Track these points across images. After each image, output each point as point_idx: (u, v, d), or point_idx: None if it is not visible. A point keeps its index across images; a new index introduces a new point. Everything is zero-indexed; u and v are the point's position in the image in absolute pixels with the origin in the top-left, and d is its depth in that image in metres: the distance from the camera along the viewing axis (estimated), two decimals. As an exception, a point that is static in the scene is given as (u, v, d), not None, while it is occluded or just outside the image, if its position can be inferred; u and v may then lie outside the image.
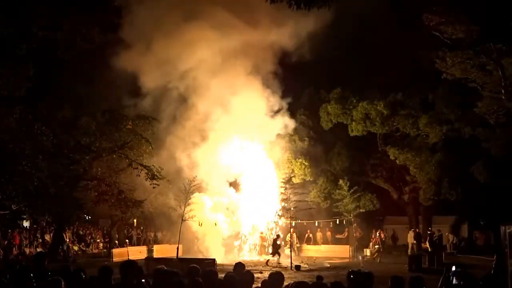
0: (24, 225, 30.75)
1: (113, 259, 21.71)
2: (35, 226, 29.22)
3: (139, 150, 22.61)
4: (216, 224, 23.39)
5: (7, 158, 17.82)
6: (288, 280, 5.85)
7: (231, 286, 5.31)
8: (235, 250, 25.67)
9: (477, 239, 29.95)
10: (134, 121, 22.95)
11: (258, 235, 25.83)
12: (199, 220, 21.55)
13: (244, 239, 25.95)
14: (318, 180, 28.17)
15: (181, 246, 21.28)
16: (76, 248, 26.95)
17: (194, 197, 21.29)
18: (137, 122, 22.96)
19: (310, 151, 28.16)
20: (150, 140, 22.65)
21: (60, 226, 24.25)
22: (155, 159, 23.23)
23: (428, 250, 23.00)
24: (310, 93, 30.42)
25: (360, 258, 22.76)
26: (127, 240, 29.12)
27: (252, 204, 25.77)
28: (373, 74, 27.07)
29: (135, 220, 31.65)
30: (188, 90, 25.32)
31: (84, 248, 28.00)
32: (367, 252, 25.30)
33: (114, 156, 22.54)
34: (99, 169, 22.94)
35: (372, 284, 5.48)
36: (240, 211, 26.22)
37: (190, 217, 20.52)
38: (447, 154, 25.82)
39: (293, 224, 23.81)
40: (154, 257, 22.02)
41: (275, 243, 22.04)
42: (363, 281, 5.54)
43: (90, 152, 22.24)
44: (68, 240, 24.90)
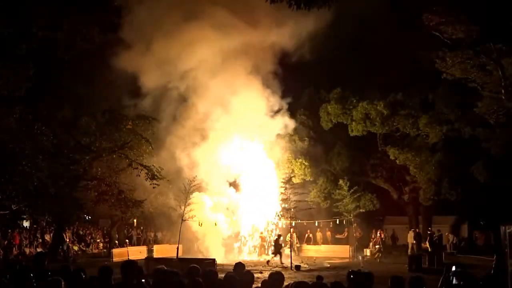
0: (24, 225, 30.76)
1: (113, 259, 21.73)
2: (35, 226, 29.23)
3: (139, 150, 22.63)
4: (216, 224, 23.38)
5: (7, 158, 17.82)
6: (288, 280, 5.84)
7: (231, 286, 5.31)
8: (235, 250, 25.68)
9: (477, 239, 29.95)
10: (134, 121, 22.98)
11: (257, 235, 25.83)
12: (199, 220, 21.54)
13: (244, 241, 25.94)
14: (318, 180, 28.16)
15: (181, 246, 21.28)
16: (76, 248, 26.94)
17: (194, 197, 21.30)
18: (137, 122, 22.99)
19: (310, 151, 28.15)
20: (150, 140, 22.67)
21: (60, 226, 24.26)
22: (155, 159, 23.24)
23: (428, 250, 23.00)
24: (310, 93, 30.41)
25: (360, 258, 22.77)
26: (127, 240, 29.12)
27: (252, 204, 25.77)
28: (373, 74, 27.08)
29: (135, 220, 31.65)
30: (188, 90, 25.38)
31: (84, 248, 27.99)
32: (367, 252, 25.31)
33: (114, 156, 22.55)
34: (99, 169, 22.95)
35: (372, 284, 5.48)
36: (240, 211, 26.22)
37: (190, 217, 20.51)
38: (447, 154, 25.83)
39: (293, 224, 23.81)
40: (154, 257, 22.02)
41: (277, 243, 22.00)
42: (363, 281, 5.54)
43: (90, 152, 22.25)
44: (68, 240, 24.90)
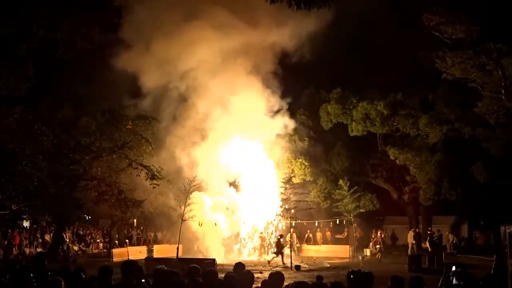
0: (24, 225, 30.78)
1: (113, 259, 21.74)
2: (35, 226, 29.23)
3: (139, 150, 22.63)
4: (216, 224, 23.37)
5: (7, 158, 17.81)
6: (288, 280, 5.84)
7: (231, 286, 5.31)
8: (235, 250, 25.66)
9: (477, 239, 29.96)
10: (134, 121, 22.98)
11: (257, 236, 25.79)
12: (199, 220, 21.53)
13: (243, 243, 25.88)
14: (318, 180, 28.14)
15: (181, 246, 21.27)
16: (76, 248, 26.94)
17: (193, 197, 21.26)
18: (137, 122, 22.99)
19: (310, 151, 28.14)
20: (150, 140, 22.67)
21: (60, 226, 24.26)
22: (155, 159, 23.24)
23: (428, 250, 23.02)
24: (310, 93, 30.40)
25: (360, 258, 22.78)
26: (127, 240, 29.12)
27: (252, 204, 25.73)
28: (373, 74, 27.08)
29: (135, 220, 31.64)
30: (188, 90, 25.39)
31: (84, 248, 27.99)
32: (367, 252, 25.31)
33: (114, 156, 22.56)
34: (99, 169, 22.94)
35: (372, 284, 5.49)
36: (240, 211, 26.19)
37: (190, 217, 20.51)
38: (447, 154, 25.82)
39: (293, 224, 23.79)
40: (154, 257, 22.01)
41: (279, 244, 21.94)
42: (363, 281, 5.54)
43: (90, 152, 22.25)
44: (68, 240, 24.89)
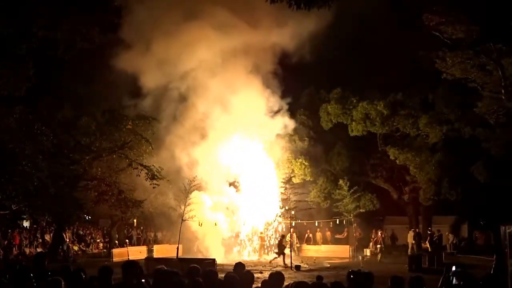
0: (24, 225, 30.80)
1: (113, 259, 21.74)
2: (35, 226, 29.24)
3: (139, 150, 22.62)
4: (216, 224, 23.35)
5: (7, 158, 17.81)
6: (288, 280, 5.84)
7: (231, 286, 5.31)
8: (235, 250, 25.64)
9: (477, 239, 29.97)
10: (134, 121, 22.97)
11: (257, 236, 25.77)
12: (199, 220, 21.52)
13: (243, 245, 25.79)
14: (318, 180, 28.13)
15: (181, 246, 21.27)
16: (76, 248, 26.94)
17: (193, 197, 21.23)
18: (137, 122, 22.98)
19: (310, 151, 28.13)
20: (150, 140, 22.66)
21: (60, 226, 24.25)
22: (155, 159, 23.23)
23: (428, 250, 23.03)
24: (310, 93, 30.39)
25: (360, 258, 22.78)
26: (127, 240, 29.13)
27: (252, 204, 25.70)
28: (373, 74, 27.08)
29: (135, 220, 31.64)
30: (188, 89, 25.34)
31: (84, 248, 27.99)
32: (367, 252, 25.31)
33: (114, 156, 22.54)
34: (99, 169, 22.93)
35: (372, 284, 5.48)
36: (240, 211, 26.17)
37: (190, 217, 20.49)
38: (447, 154, 25.82)
39: (293, 224, 23.78)
40: (154, 257, 22.02)
41: (281, 244, 21.89)
42: (363, 281, 5.54)
43: (90, 152, 22.24)
44: (68, 240, 24.89)
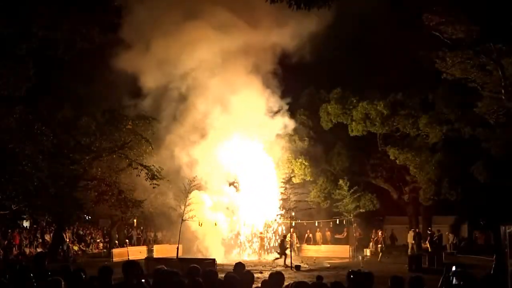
0: (24, 225, 30.80)
1: (113, 259, 21.74)
2: (35, 226, 29.24)
3: (139, 150, 22.63)
4: (216, 224, 23.34)
5: (7, 158, 17.81)
6: (288, 280, 5.84)
7: (231, 286, 5.31)
8: (235, 250, 25.63)
9: (477, 239, 29.96)
10: (134, 121, 22.97)
11: (257, 236, 25.75)
12: (199, 220, 21.51)
13: (243, 247, 25.76)
14: (318, 180, 28.13)
15: (181, 246, 21.26)
16: (76, 248, 26.93)
17: (193, 197, 21.21)
18: (137, 122, 22.98)
19: (310, 151, 28.12)
20: (150, 140, 22.66)
21: (60, 226, 24.25)
22: (155, 158, 23.23)
23: (428, 250, 23.02)
24: (310, 93, 30.40)
25: (360, 258, 22.78)
26: (127, 240, 29.13)
27: (252, 204, 25.67)
28: (373, 74, 27.09)
29: (135, 220, 31.64)
30: (188, 89, 25.33)
31: (84, 248, 27.98)
32: (367, 252, 25.31)
33: (114, 156, 22.54)
34: (99, 169, 22.93)
35: (372, 284, 5.48)
36: (240, 211, 26.16)
37: (190, 217, 20.49)
38: (447, 154, 25.83)
39: (293, 224, 23.77)
40: (154, 257, 22.01)
41: (283, 244, 21.87)
42: (363, 281, 5.54)
43: (90, 152, 22.24)
44: (68, 240, 24.87)
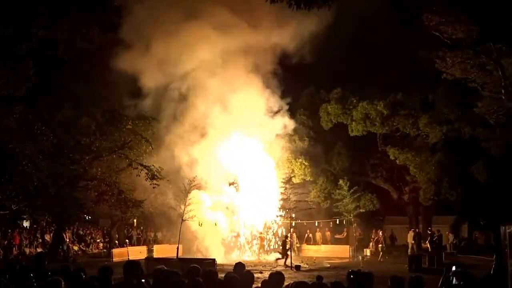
0: (24, 225, 30.80)
1: (113, 259, 21.76)
2: (35, 226, 29.24)
3: (139, 150, 22.63)
4: (216, 224, 23.34)
5: (7, 158, 17.82)
6: (288, 280, 5.84)
7: (231, 286, 5.31)
8: (235, 250, 25.63)
9: (477, 239, 29.94)
10: (134, 121, 22.97)
11: (257, 236, 25.74)
12: (199, 220, 21.51)
13: (243, 249, 25.72)
14: (318, 180, 28.11)
15: (181, 246, 21.26)
16: (76, 248, 26.93)
17: (192, 196, 21.21)
18: (137, 122, 22.98)
19: (310, 151, 28.11)
20: (150, 140, 22.66)
21: (60, 226, 24.25)
22: (155, 158, 23.22)
23: (428, 250, 23.02)
24: (310, 93, 30.38)
25: (360, 258, 22.78)
26: (127, 240, 29.13)
27: (251, 204, 25.65)
28: (373, 74, 27.06)
29: (135, 220, 31.64)
30: (188, 89, 25.33)
31: (84, 248, 27.98)
32: (367, 252, 25.31)
33: (114, 156, 22.54)
34: (99, 169, 22.93)
35: (372, 284, 5.48)
36: (240, 211, 26.14)
37: (190, 217, 20.48)
38: (447, 154, 25.81)
39: (293, 224, 23.77)
40: (154, 257, 22.01)
41: (285, 245, 21.79)
42: (363, 281, 5.54)
43: (90, 152, 22.24)
44: (68, 240, 24.87)
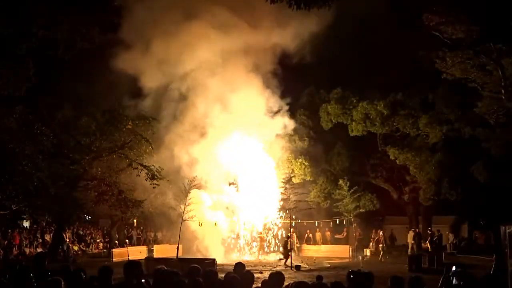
0: (24, 225, 30.81)
1: (113, 259, 21.77)
2: (35, 226, 29.25)
3: (139, 150, 22.62)
4: (216, 225, 23.33)
5: (7, 158, 17.82)
6: (288, 280, 5.84)
7: (231, 286, 5.32)
8: (235, 250, 25.61)
9: (477, 239, 29.94)
10: (134, 121, 22.97)
11: (257, 235, 25.73)
12: (199, 220, 21.50)
13: (243, 251, 25.68)
14: (318, 180, 28.10)
15: (181, 246, 21.26)
16: (76, 248, 26.93)
17: (192, 196, 21.20)
18: (137, 122, 22.98)
19: (310, 151, 28.10)
20: (150, 140, 22.66)
21: (60, 226, 24.25)
22: (155, 158, 23.22)
23: (428, 250, 23.02)
24: (310, 93, 30.38)
25: (360, 258, 22.78)
26: (127, 240, 29.14)
27: (251, 204, 25.63)
28: (373, 74, 27.05)
29: (135, 220, 31.65)
30: (188, 89, 25.32)
31: (84, 248, 27.99)
32: (367, 252, 25.31)
33: (114, 156, 22.54)
34: (99, 169, 22.93)
35: (372, 284, 5.49)
36: (240, 211, 26.12)
37: (190, 217, 20.48)
38: (447, 154, 25.81)
39: (293, 224, 23.76)
40: (154, 257, 22.02)
41: (286, 245, 21.73)
42: (363, 281, 5.54)
43: (90, 152, 22.23)
44: (68, 240, 24.88)
